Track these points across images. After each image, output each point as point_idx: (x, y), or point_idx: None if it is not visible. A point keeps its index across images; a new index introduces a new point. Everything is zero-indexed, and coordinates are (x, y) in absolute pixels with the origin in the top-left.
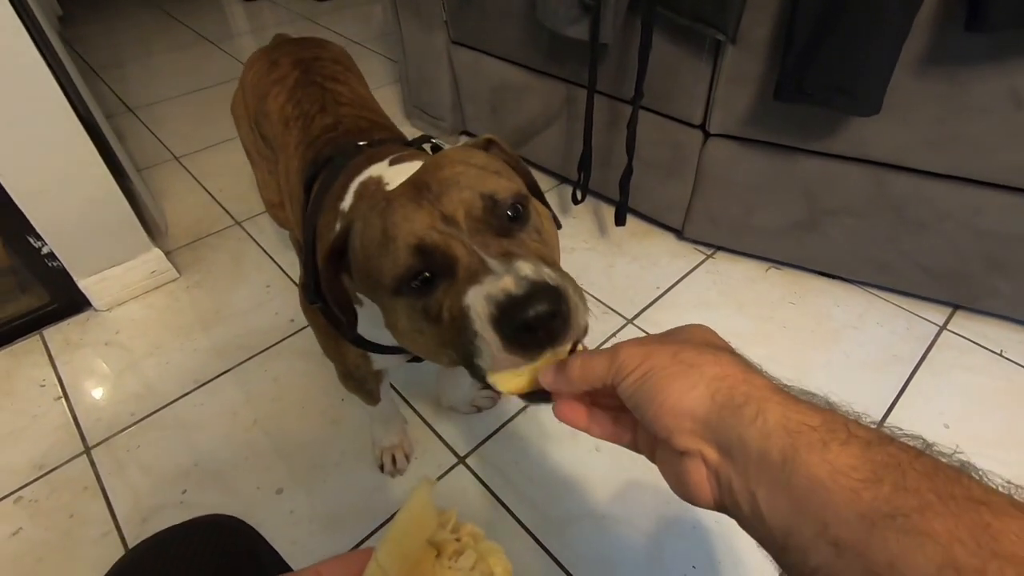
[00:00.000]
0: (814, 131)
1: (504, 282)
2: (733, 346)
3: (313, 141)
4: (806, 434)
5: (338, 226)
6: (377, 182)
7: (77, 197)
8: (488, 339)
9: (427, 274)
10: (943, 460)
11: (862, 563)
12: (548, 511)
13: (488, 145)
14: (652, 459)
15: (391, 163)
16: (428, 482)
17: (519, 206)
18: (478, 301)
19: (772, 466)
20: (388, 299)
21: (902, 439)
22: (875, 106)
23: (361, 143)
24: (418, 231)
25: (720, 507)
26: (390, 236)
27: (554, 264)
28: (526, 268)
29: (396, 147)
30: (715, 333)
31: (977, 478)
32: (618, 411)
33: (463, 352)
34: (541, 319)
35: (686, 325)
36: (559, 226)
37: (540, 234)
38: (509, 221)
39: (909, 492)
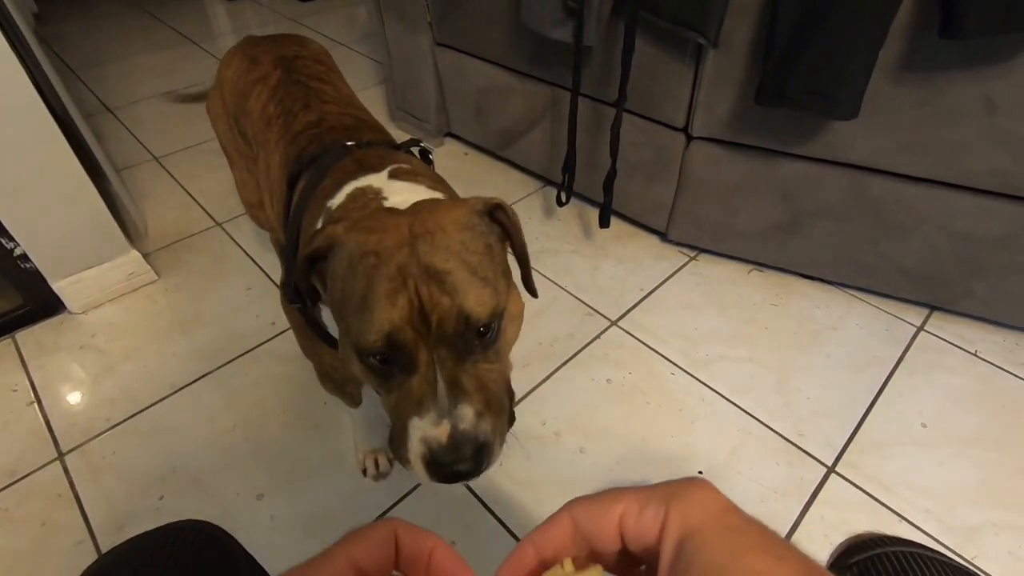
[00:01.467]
0: (794, 134)
1: (441, 429)
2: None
3: (296, 137)
4: None
5: (320, 223)
6: (376, 194)
7: (52, 197)
8: (416, 469)
9: (385, 357)
10: None
11: None
12: (532, 513)
13: (494, 210)
14: None
15: (391, 176)
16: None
17: (491, 326)
18: (415, 438)
19: None
20: (349, 345)
21: None
22: (853, 110)
23: (349, 143)
24: (395, 321)
25: None
26: (369, 306)
27: (496, 392)
28: (466, 419)
29: (387, 152)
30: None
31: None
32: None
33: (396, 445)
34: (461, 476)
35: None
36: (535, 295)
37: (498, 354)
38: (476, 337)
39: None
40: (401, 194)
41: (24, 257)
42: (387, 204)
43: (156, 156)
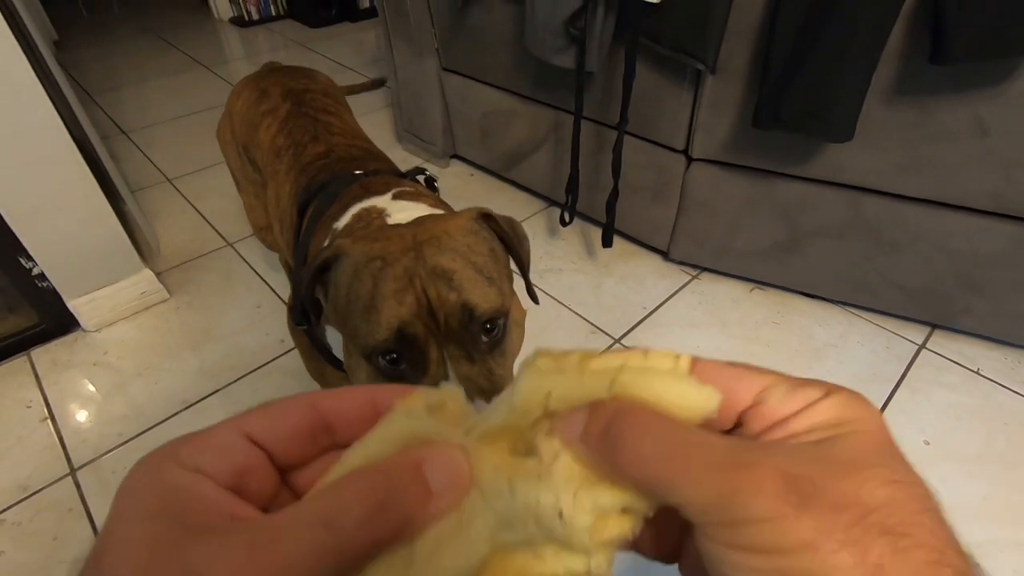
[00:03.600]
0: (792, 156)
1: None
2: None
3: (305, 167)
4: None
5: (328, 242)
6: (380, 213)
7: (70, 218)
8: None
9: (396, 355)
10: None
11: None
12: None
13: (485, 219)
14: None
15: (394, 197)
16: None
17: (495, 323)
18: None
19: None
20: (355, 353)
21: None
22: (848, 133)
23: (357, 172)
24: (404, 316)
25: None
26: (376, 307)
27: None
28: None
29: (392, 179)
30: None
31: None
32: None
33: None
34: None
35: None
36: (536, 300)
37: (504, 356)
38: (482, 333)
39: None
40: (404, 212)
41: (42, 276)
42: (390, 221)
43: (169, 177)
